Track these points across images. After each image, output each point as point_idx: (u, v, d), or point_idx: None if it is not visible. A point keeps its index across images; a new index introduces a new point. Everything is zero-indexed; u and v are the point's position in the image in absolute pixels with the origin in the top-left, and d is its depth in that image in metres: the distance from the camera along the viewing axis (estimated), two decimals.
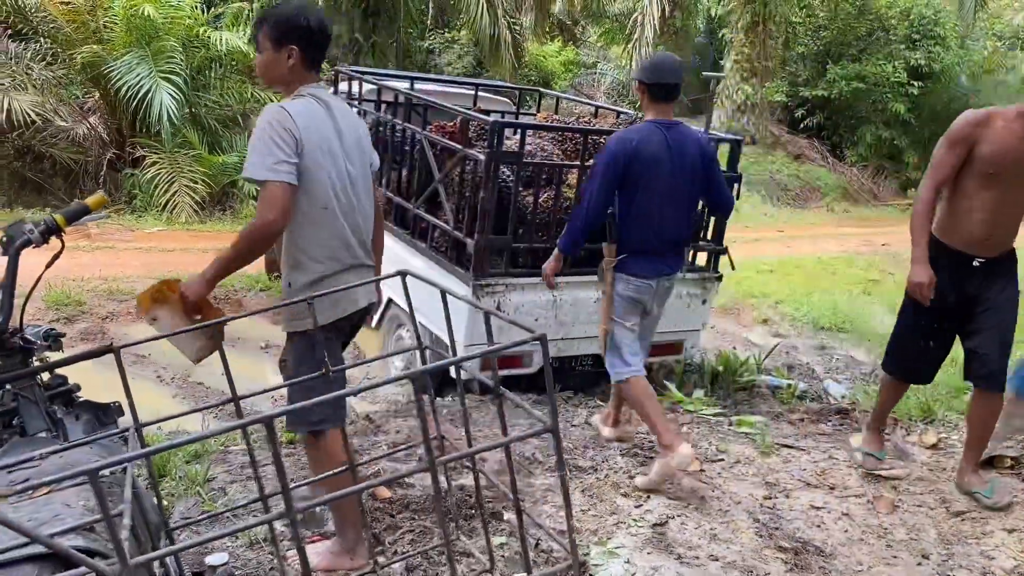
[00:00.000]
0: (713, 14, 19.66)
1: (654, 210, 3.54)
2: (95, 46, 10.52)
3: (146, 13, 10.04)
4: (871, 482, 3.48)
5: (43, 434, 1.90)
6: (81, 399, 2.09)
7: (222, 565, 2.07)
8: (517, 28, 15.52)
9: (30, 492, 1.31)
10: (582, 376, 5.20)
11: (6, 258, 2.00)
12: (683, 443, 3.22)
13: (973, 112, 3.27)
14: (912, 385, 3.68)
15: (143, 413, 1.76)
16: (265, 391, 2.38)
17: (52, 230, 2.01)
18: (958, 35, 18.36)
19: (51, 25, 10.92)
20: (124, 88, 10.00)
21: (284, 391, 2.66)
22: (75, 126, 11.29)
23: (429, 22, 22.37)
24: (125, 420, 2.38)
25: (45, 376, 2.03)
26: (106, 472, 1.53)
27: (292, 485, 1.58)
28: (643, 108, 3.65)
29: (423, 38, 22.15)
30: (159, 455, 3.29)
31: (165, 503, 3.02)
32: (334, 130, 2.60)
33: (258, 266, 7.35)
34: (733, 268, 5.37)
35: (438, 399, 4.71)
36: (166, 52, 10.42)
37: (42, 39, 11.27)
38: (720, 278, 5.25)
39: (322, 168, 2.52)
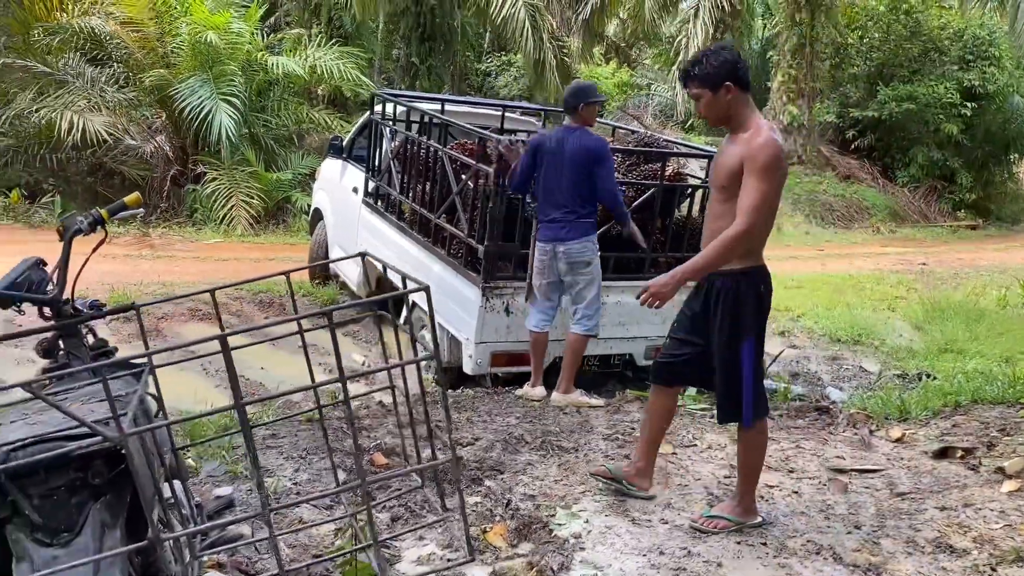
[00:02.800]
0: (761, 37, 19.86)
1: (550, 187, 4.72)
2: (163, 70, 11.33)
3: (209, 40, 10.78)
4: (830, 469, 3.79)
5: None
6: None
7: (225, 496, 2.52)
8: (565, 51, 15.97)
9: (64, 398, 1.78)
10: (590, 376, 5.56)
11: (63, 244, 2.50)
12: (539, 388, 4.83)
13: None
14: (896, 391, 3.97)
15: (188, 402, 2.27)
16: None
17: (98, 221, 2.51)
18: (1013, 56, 18.23)
19: (124, 51, 11.77)
20: (188, 109, 10.75)
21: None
22: (143, 144, 12.14)
23: (486, 45, 23.07)
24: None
25: (90, 339, 2.52)
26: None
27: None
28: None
29: (479, 61, 22.84)
30: (194, 424, 3.79)
31: (194, 463, 3.50)
32: None
33: (300, 274, 7.90)
34: None
35: (451, 391, 5.14)
36: (227, 76, 11.17)
37: (115, 64, 12.15)
38: None
39: None
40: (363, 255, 2.86)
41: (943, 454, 3.86)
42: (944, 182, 18.46)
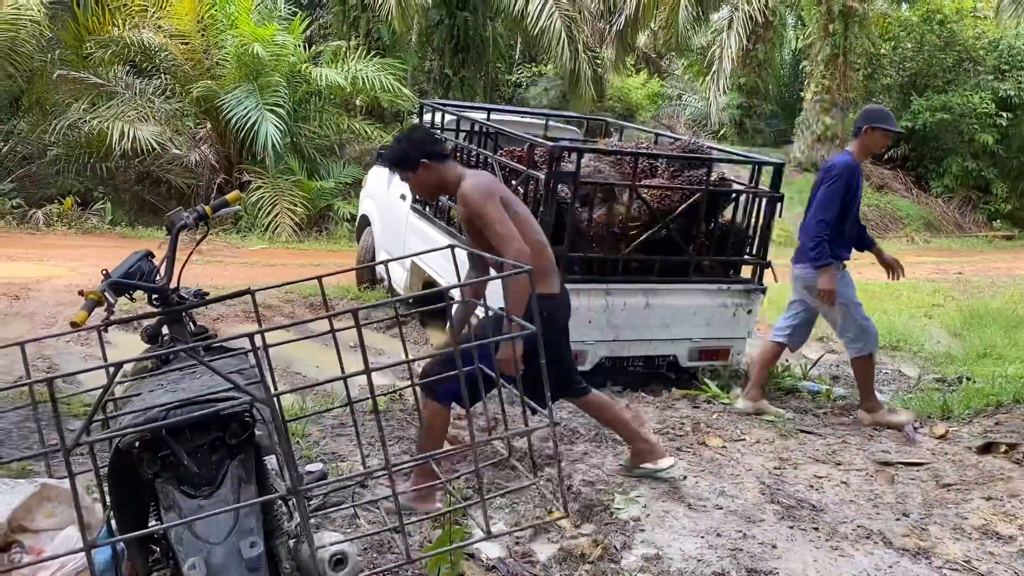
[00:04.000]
0: (794, 47, 19.93)
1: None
2: (209, 81, 11.67)
3: (255, 52, 11.09)
4: (876, 462, 3.91)
5: None
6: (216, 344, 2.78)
7: (317, 471, 2.71)
8: (599, 62, 16.18)
9: (193, 371, 1.98)
10: (633, 375, 5.71)
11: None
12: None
13: None
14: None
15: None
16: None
17: (202, 217, 2.72)
18: None
19: (171, 63, 12.15)
20: (233, 119, 11.07)
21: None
22: (189, 154, 12.47)
23: (517, 57, 23.35)
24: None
25: (191, 327, 2.73)
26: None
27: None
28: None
29: (511, 72, 23.12)
30: None
31: None
32: None
33: (348, 278, 8.13)
34: (776, 281, 5.83)
35: None
36: (271, 87, 11.47)
37: (163, 75, 12.53)
38: (764, 291, 5.70)
39: None
40: (452, 247, 3.03)
41: (987, 449, 3.97)
42: (979, 192, 18.39)
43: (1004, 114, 17.19)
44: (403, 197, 7.34)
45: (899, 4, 19.06)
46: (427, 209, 6.84)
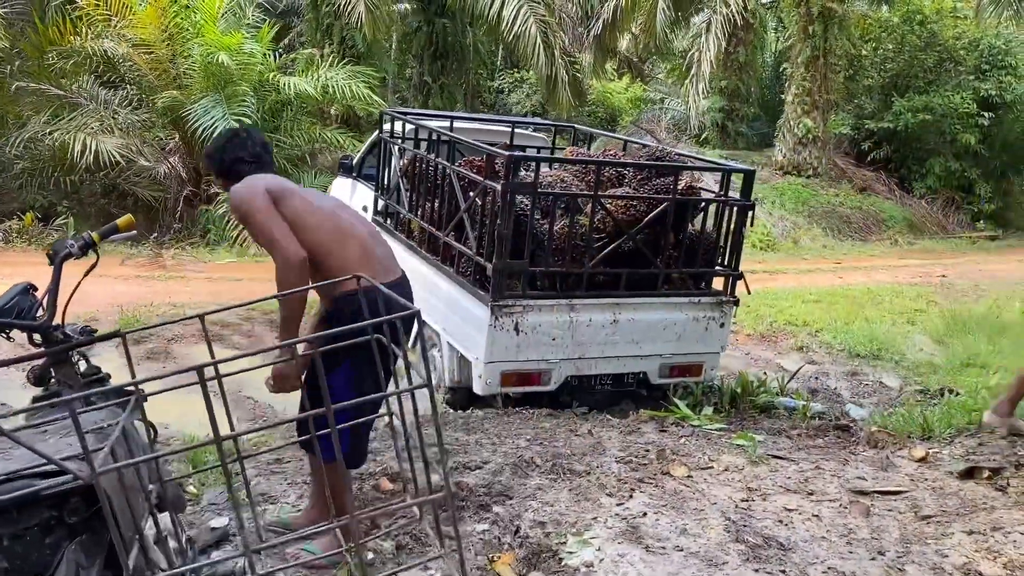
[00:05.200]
0: (775, 50, 19.77)
1: None
2: (174, 91, 11.36)
3: (221, 61, 10.80)
4: (851, 491, 3.66)
5: None
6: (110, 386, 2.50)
7: (220, 528, 2.44)
8: (577, 67, 15.95)
9: (44, 430, 1.70)
10: (601, 395, 5.45)
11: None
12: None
13: None
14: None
15: (193, 425, 2.21)
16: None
17: (89, 245, 2.45)
18: None
19: (136, 73, 11.82)
20: (200, 130, 10.76)
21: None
22: (156, 165, 12.14)
23: (499, 63, 23.13)
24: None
25: (83, 366, 2.45)
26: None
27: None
28: None
29: (492, 78, 22.90)
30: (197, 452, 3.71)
31: (196, 490, 3.43)
32: None
33: None
34: (749, 292, 5.59)
35: (460, 411, 5.05)
36: (239, 96, 11.16)
37: (128, 86, 12.21)
38: (737, 302, 5.45)
39: None
40: (358, 277, 2.72)
41: (969, 474, 3.73)
42: (962, 193, 18.24)
43: (986, 114, 17.05)
44: (365, 209, 7.08)
45: (879, 5, 18.91)
46: (388, 222, 6.58)
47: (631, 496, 3.44)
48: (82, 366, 2.45)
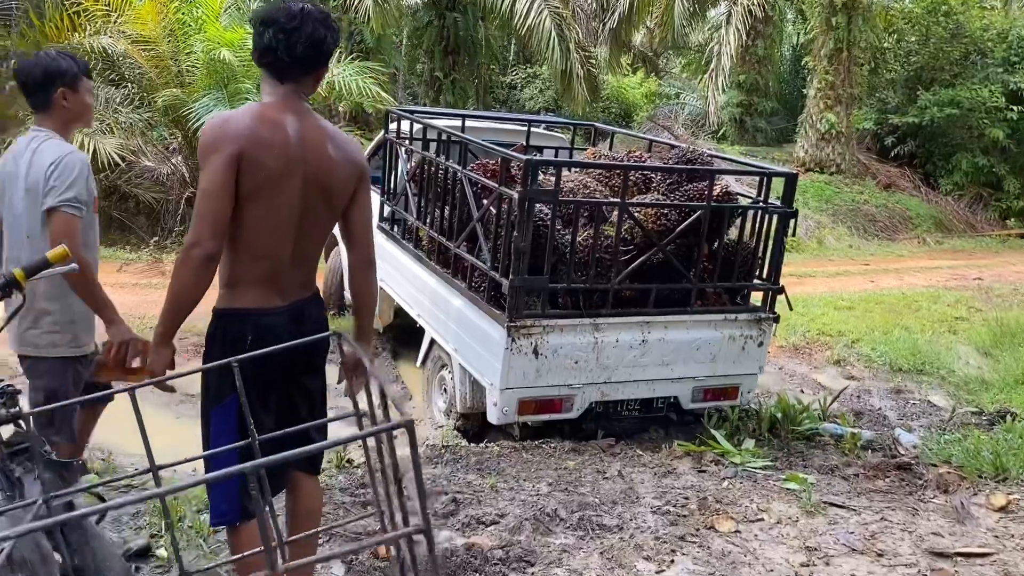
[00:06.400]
0: (794, 43, 19.21)
1: None
2: (176, 89, 10.93)
3: (224, 57, 10.37)
4: (929, 552, 3.16)
5: None
6: (47, 457, 2.03)
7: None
8: (592, 61, 15.44)
9: None
10: (628, 421, 4.98)
11: None
12: None
13: None
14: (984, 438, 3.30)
15: (160, 452, 1.83)
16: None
17: (11, 284, 1.98)
18: None
19: (137, 71, 11.41)
20: (202, 128, 10.33)
21: None
22: (159, 166, 11.74)
23: (511, 58, 22.62)
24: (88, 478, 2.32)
25: (6, 434, 1.98)
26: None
27: None
28: None
29: (504, 73, 22.40)
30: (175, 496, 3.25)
31: (165, 553, 2.96)
32: None
33: None
34: (791, 308, 5.11)
35: (472, 444, 4.58)
36: (242, 94, 10.73)
37: (129, 84, 11.78)
38: (777, 319, 4.96)
39: None
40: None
41: None
42: (990, 189, 17.64)
43: (1015, 107, 16.42)
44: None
45: None
46: (395, 230, 6.12)
47: (672, 561, 2.96)
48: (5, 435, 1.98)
